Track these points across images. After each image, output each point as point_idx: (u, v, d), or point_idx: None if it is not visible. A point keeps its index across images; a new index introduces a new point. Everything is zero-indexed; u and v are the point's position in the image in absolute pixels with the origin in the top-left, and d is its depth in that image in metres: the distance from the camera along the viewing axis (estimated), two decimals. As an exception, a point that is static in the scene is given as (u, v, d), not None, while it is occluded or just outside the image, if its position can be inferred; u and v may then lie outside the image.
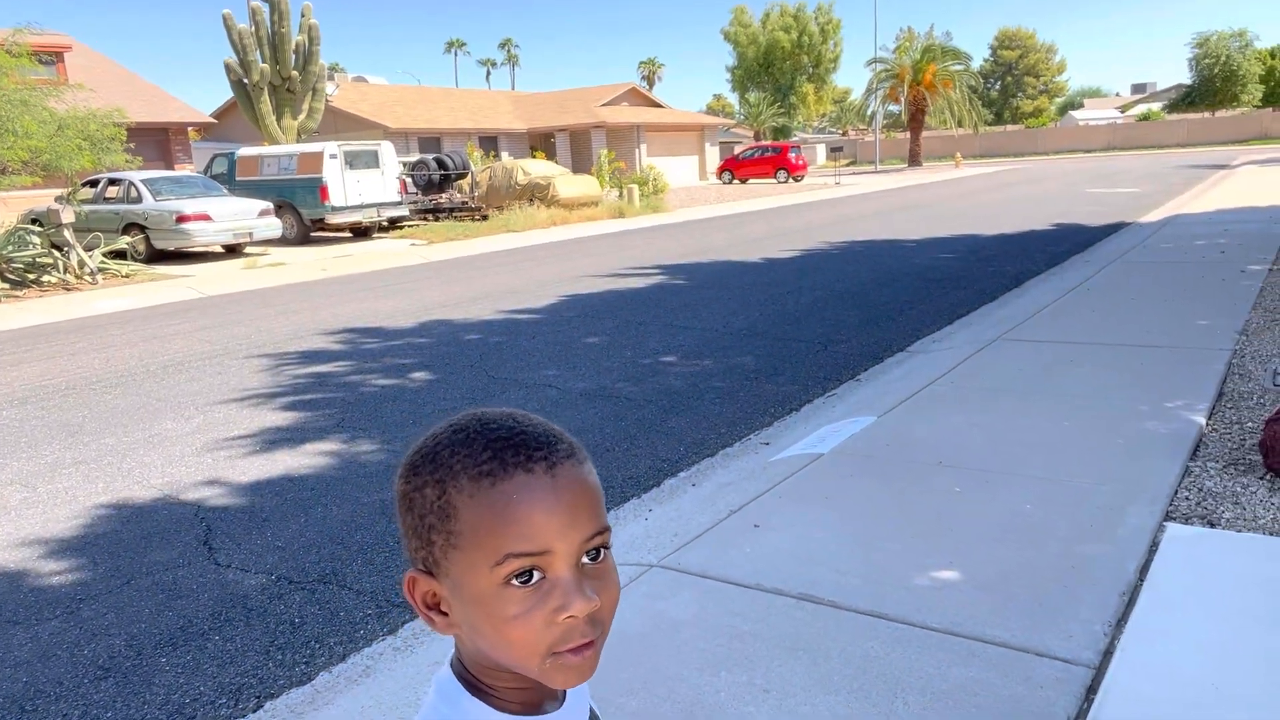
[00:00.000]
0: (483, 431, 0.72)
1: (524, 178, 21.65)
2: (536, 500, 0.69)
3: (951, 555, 3.12)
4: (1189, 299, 7.31)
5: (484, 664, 0.74)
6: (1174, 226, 12.85)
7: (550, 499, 0.69)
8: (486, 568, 0.68)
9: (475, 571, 0.69)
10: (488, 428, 0.73)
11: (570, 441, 0.74)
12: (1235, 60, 62.13)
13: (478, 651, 0.73)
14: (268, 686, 2.85)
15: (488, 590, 0.69)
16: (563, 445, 0.73)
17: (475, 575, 0.69)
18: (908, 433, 4.50)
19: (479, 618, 0.70)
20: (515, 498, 0.68)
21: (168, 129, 25.70)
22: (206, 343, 8.61)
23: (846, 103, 68.38)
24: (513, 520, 0.68)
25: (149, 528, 4.11)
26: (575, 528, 0.70)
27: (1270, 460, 3.58)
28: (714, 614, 2.85)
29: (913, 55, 47.93)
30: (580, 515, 0.70)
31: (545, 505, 0.69)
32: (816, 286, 10.06)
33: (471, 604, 0.70)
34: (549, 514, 0.69)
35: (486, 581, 0.69)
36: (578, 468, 0.72)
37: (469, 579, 0.69)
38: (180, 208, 15.54)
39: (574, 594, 0.69)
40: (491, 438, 0.71)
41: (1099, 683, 2.33)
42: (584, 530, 0.70)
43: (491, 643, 0.71)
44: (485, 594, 0.69)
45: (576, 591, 0.69)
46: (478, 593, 0.69)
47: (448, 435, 0.74)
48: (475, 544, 0.69)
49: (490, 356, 7.29)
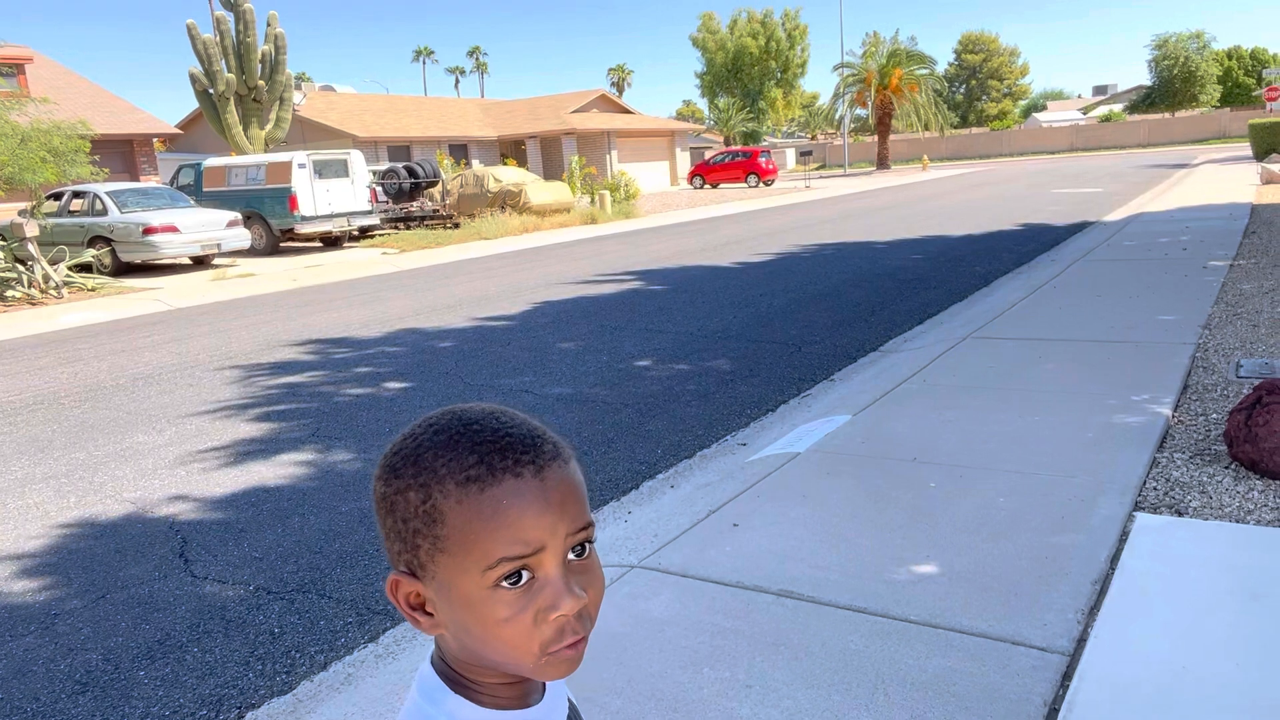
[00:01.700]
0: (465, 433, 0.71)
1: (495, 185, 21.61)
2: (526, 504, 0.69)
3: (928, 549, 3.16)
4: (1153, 295, 7.45)
5: (469, 661, 0.74)
6: (1137, 224, 13.08)
7: (540, 502, 0.69)
8: (477, 571, 0.68)
9: (464, 575, 0.69)
10: (470, 429, 0.72)
11: (554, 440, 0.74)
12: (1193, 62, 63.41)
13: (464, 650, 0.73)
14: (249, 697, 2.83)
15: (477, 593, 0.69)
16: (548, 445, 0.73)
17: (464, 578, 0.69)
18: (882, 431, 4.56)
19: (468, 619, 0.70)
20: (505, 503, 0.68)
21: (132, 140, 25.39)
22: (176, 355, 8.51)
23: (815, 107, 68.99)
24: (504, 525, 0.68)
25: (123, 542, 4.07)
26: (563, 523, 0.70)
27: (1235, 450, 3.67)
28: (695, 612, 2.87)
29: (879, 60, 48.41)
30: (567, 512, 0.70)
31: (535, 508, 0.69)
32: (789, 289, 10.13)
33: (460, 606, 0.70)
34: (539, 515, 0.69)
35: (476, 584, 0.68)
36: (564, 467, 0.72)
37: (457, 582, 0.69)
38: (147, 219, 15.35)
39: (563, 593, 0.69)
40: (476, 440, 0.71)
41: (1074, 669, 2.38)
42: (571, 525, 0.71)
43: (481, 643, 0.71)
44: (475, 597, 0.69)
45: (565, 590, 0.69)
46: (467, 595, 0.69)
47: (428, 436, 0.72)
48: (464, 549, 0.68)
49: (465, 363, 7.28)
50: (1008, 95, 79.86)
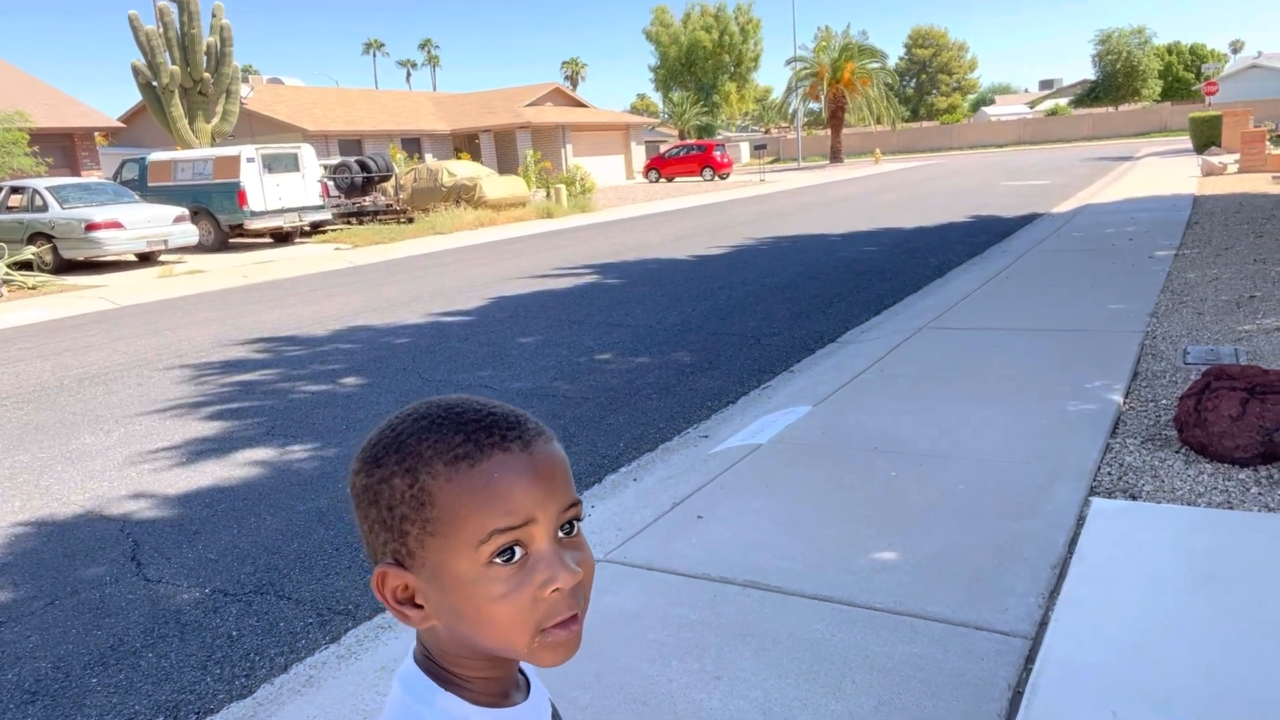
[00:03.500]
0: (448, 416, 0.71)
1: (450, 179, 21.39)
2: (516, 476, 0.68)
3: (891, 537, 3.20)
4: (1102, 285, 7.61)
5: (459, 655, 0.73)
6: (1085, 216, 13.36)
7: (529, 474, 0.69)
8: (469, 549, 0.67)
9: (457, 555, 0.68)
10: (453, 412, 0.72)
11: (536, 420, 0.74)
12: (1136, 56, 64.93)
13: (455, 642, 0.72)
14: (207, 702, 2.77)
15: (471, 572, 0.68)
16: (531, 424, 0.73)
17: (457, 559, 0.68)
18: (842, 421, 4.60)
19: (462, 603, 0.69)
20: (496, 475, 0.68)
21: (73, 134, 24.65)
22: (123, 354, 8.29)
23: (768, 101, 69.28)
24: (495, 497, 0.67)
25: (72, 545, 3.95)
26: (553, 498, 0.70)
27: (1185, 435, 3.76)
28: (662, 605, 2.86)
29: (831, 54, 48.77)
30: (556, 487, 0.70)
31: (525, 480, 0.69)
32: (747, 281, 10.18)
33: (453, 590, 0.69)
34: (530, 487, 0.68)
35: (469, 563, 0.68)
36: (549, 444, 0.72)
37: (450, 564, 0.68)
38: (89, 215, 14.93)
39: (559, 566, 0.69)
40: (460, 421, 0.70)
41: (1036, 652, 2.42)
42: (561, 501, 0.70)
43: (475, 627, 0.70)
44: (468, 577, 0.68)
45: (560, 564, 0.69)
46: (460, 577, 0.68)
47: (409, 424, 0.72)
48: (455, 528, 0.67)
49: (422, 359, 7.19)
50: (957, 89, 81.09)
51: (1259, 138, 19.44)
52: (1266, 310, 6.21)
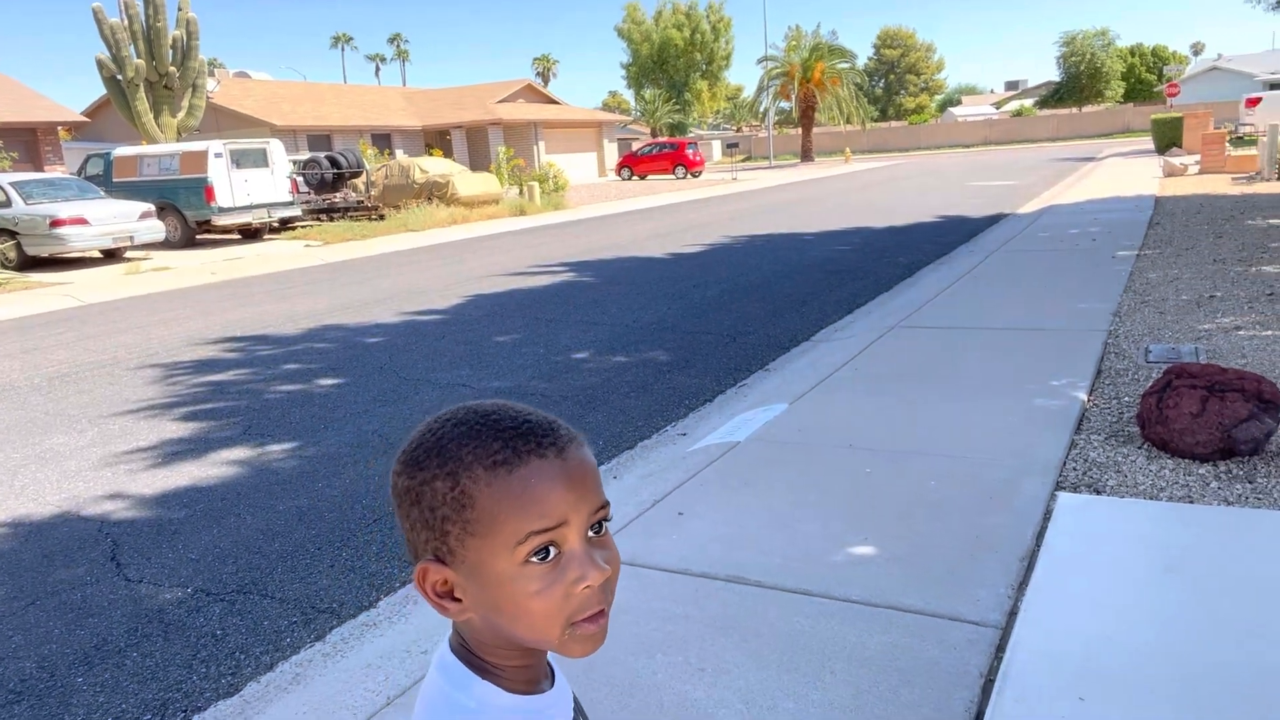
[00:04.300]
0: (487, 423, 0.76)
1: (422, 176, 21.28)
2: (552, 482, 0.73)
3: (867, 532, 3.28)
4: (1067, 284, 7.79)
5: (494, 644, 0.78)
6: (1050, 216, 13.61)
7: (564, 479, 0.74)
8: (507, 549, 0.72)
9: (495, 554, 0.73)
10: (490, 419, 0.76)
11: (568, 427, 0.79)
12: (1099, 58, 65.97)
13: (492, 632, 0.77)
14: (194, 700, 2.79)
15: (508, 571, 0.73)
16: (564, 430, 0.78)
17: (495, 558, 0.73)
18: (818, 418, 4.69)
19: (500, 598, 0.74)
20: (533, 481, 0.73)
21: (36, 129, 24.24)
22: (92, 353, 8.21)
23: (740, 100, 69.59)
24: (532, 501, 0.72)
25: (50, 546, 3.94)
26: (585, 501, 0.75)
27: (1147, 431, 3.88)
28: (646, 600, 2.93)
29: (801, 54, 49.09)
30: (588, 491, 0.76)
31: (560, 485, 0.74)
32: (722, 280, 10.27)
33: (492, 586, 0.74)
34: (564, 491, 0.74)
35: (507, 562, 0.73)
36: (580, 449, 0.77)
37: (489, 562, 0.73)
38: (54, 211, 14.70)
39: (589, 564, 0.74)
40: (500, 429, 0.75)
41: (1006, 641, 2.51)
42: (591, 503, 0.76)
43: (512, 620, 0.75)
44: (506, 575, 0.73)
45: (591, 562, 0.74)
46: (498, 574, 0.73)
47: (449, 429, 0.76)
48: (494, 529, 0.72)
49: (398, 358, 7.20)
50: (925, 90, 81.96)
51: (1219, 139, 19.88)
52: (1226, 310, 6.40)
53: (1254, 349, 5.30)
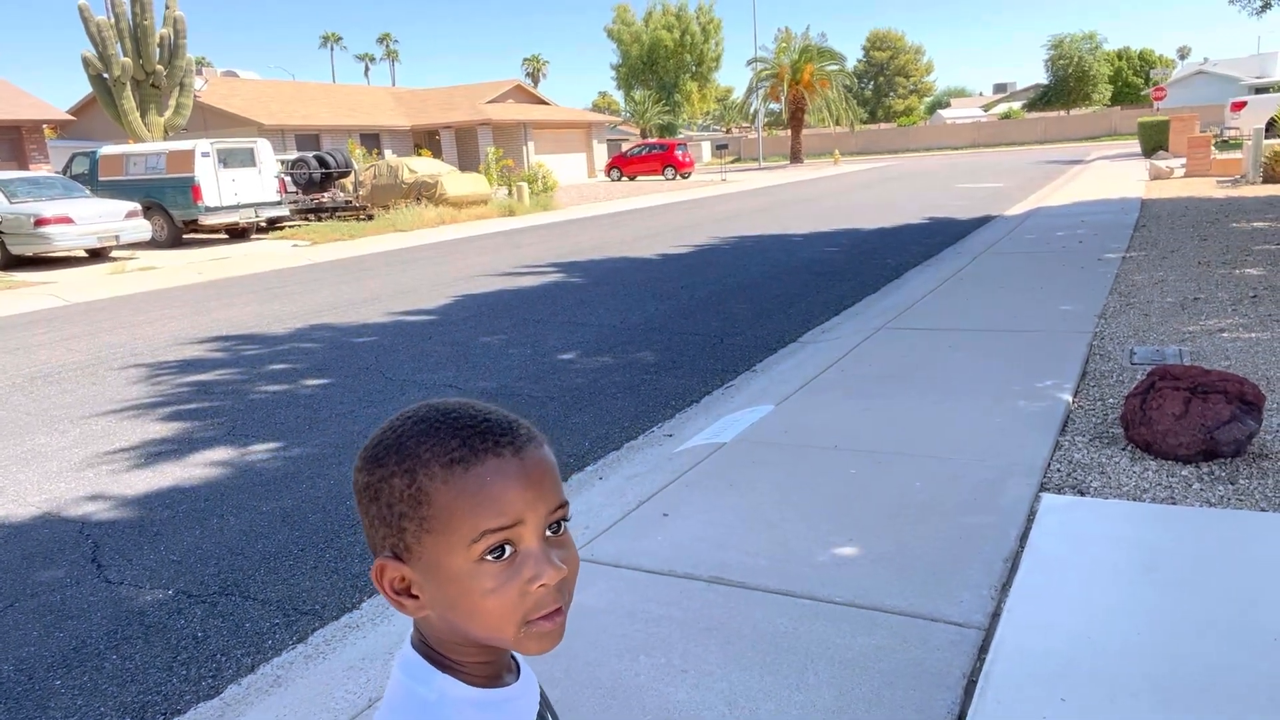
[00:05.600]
0: (446, 421, 0.76)
1: (410, 176, 21.22)
2: (508, 480, 0.73)
3: (851, 533, 3.28)
4: (1053, 286, 7.82)
5: (452, 641, 0.77)
6: (1036, 218, 13.67)
7: (521, 478, 0.74)
8: (462, 547, 0.72)
9: (451, 552, 0.72)
10: (449, 417, 0.76)
11: (528, 425, 0.79)
12: (1087, 61, 66.35)
13: (449, 629, 0.77)
14: (174, 703, 2.76)
15: (463, 568, 0.73)
16: (523, 429, 0.77)
17: (451, 556, 0.73)
18: (804, 420, 4.69)
19: (455, 595, 0.74)
20: (489, 479, 0.72)
21: (20, 127, 24.06)
22: (76, 353, 8.14)
23: (729, 101, 69.71)
24: (487, 499, 0.72)
25: (30, 547, 3.90)
26: (542, 500, 0.74)
27: (1131, 433, 3.90)
28: (629, 601, 2.92)
29: (791, 56, 49.18)
30: (545, 490, 0.75)
31: (516, 484, 0.73)
32: (710, 281, 10.27)
33: (447, 583, 0.74)
34: (520, 490, 0.73)
35: (462, 560, 0.72)
36: (539, 449, 0.77)
37: (444, 560, 0.73)
38: (39, 210, 14.59)
39: (545, 563, 0.74)
40: (458, 427, 0.75)
41: (989, 642, 2.51)
42: (549, 503, 0.75)
43: (467, 618, 0.74)
44: (461, 572, 0.73)
45: (546, 561, 0.74)
46: (453, 572, 0.73)
47: (409, 426, 0.76)
48: (450, 527, 0.72)
49: (385, 359, 7.17)
50: (914, 92, 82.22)
51: (1204, 143, 20.01)
52: (1210, 312, 6.44)
53: (1237, 351, 5.33)
